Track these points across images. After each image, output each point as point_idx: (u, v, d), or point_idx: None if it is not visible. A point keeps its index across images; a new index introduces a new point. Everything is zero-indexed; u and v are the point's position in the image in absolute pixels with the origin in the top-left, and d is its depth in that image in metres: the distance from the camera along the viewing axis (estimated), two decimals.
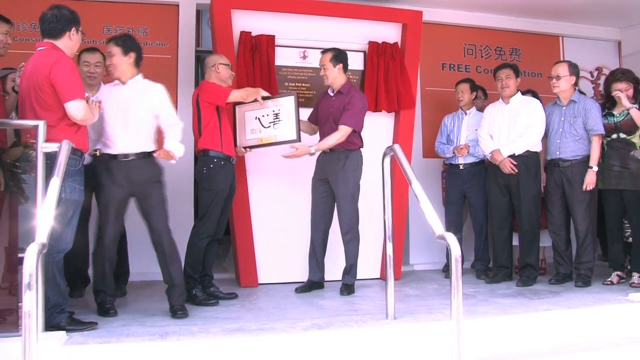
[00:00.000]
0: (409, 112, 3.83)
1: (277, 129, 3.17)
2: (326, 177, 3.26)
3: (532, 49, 4.84)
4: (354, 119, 3.18)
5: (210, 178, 2.95)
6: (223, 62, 3.11)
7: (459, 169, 3.91)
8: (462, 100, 3.97)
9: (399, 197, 3.54)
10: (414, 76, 3.89)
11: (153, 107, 2.66)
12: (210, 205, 2.95)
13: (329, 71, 3.25)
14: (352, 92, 3.24)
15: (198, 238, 2.96)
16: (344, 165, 3.18)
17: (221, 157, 2.99)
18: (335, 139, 3.17)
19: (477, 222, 3.89)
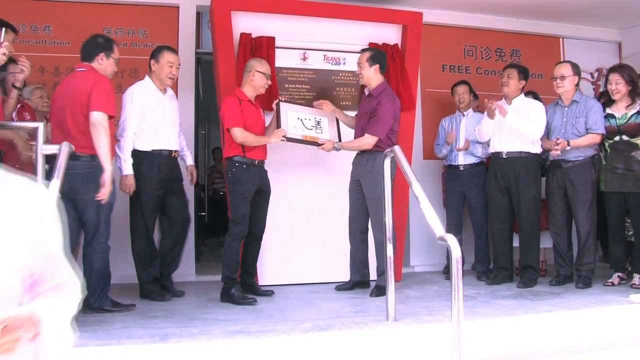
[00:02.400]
0: (409, 113, 3.83)
1: (318, 134, 3.33)
2: (358, 179, 3.32)
3: (532, 50, 4.85)
4: (379, 127, 3.19)
5: (234, 181, 3.09)
6: (261, 70, 3.16)
7: (458, 170, 3.92)
8: (463, 102, 3.98)
9: (399, 198, 3.54)
10: (414, 77, 3.90)
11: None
12: (237, 206, 3.07)
13: (365, 70, 3.27)
14: (381, 97, 3.24)
15: (230, 239, 3.08)
16: (372, 166, 3.20)
17: (243, 161, 3.11)
18: (358, 144, 3.26)
19: (477, 223, 3.90)
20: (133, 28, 3.99)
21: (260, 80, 3.17)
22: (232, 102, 3.12)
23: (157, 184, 3.07)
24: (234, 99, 3.13)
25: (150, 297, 3.06)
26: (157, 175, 3.07)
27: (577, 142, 3.33)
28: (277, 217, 3.56)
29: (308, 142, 3.31)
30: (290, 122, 3.28)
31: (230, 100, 3.13)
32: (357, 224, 3.36)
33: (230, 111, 3.09)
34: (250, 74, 3.16)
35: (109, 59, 2.84)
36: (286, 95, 3.67)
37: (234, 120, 3.08)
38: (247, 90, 3.19)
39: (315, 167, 3.66)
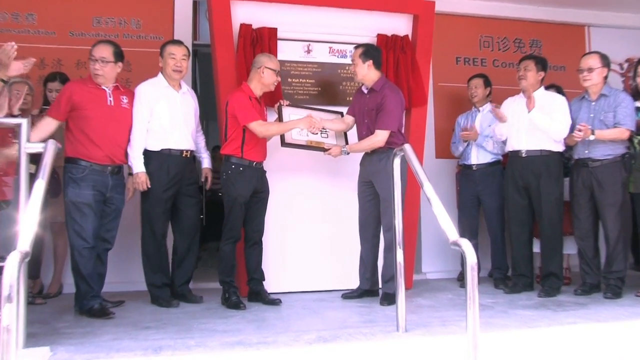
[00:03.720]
0: (420, 109, 3.80)
1: (324, 138, 3.32)
2: (369, 179, 3.30)
3: (554, 40, 4.78)
4: (390, 120, 3.19)
5: (228, 184, 3.13)
6: (271, 67, 3.17)
7: (472, 169, 3.88)
8: (475, 96, 3.96)
9: (410, 200, 3.51)
10: (426, 71, 3.87)
11: None
12: (230, 210, 3.12)
13: (359, 67, 3.27)
14: (385, 90, 3.24)
15: (223, 243, 3.15)
16: (386, 165, 3.17)
17: (240, 163, 3.12)
18: (369, 143, 3.23)
19: (491, 227, 3.86)
20: (125, 18, 3.99)
21: (269, 77, 3.16)
22: (242, 96, 3.12)
23: (166, 185, 3.10)
24: (243, 93, 3.13)
25: (158, 302, 3.13)
26: (166, 176, 3.11)
27: (603, 134, 3.24)
28: (280, 221, 3.54)
29: (313, 147, 3.30)
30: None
31: (240, 95, 3.12)
32: (368, 228, 3.35)
33: (244, 107, 3.09)
34: (259, 70, 3.15)
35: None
36: (289, 89, 3.65)
37: (249, 114, 3.08)
38: (254, 87, 3.19)
39: (320, 168, 3.63)
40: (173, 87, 3.19)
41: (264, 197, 3.26)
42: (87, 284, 2.86)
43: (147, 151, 3.12)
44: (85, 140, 2.89)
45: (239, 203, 3.11)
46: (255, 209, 3.22)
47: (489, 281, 3.87)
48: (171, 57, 3.14)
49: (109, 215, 2.98)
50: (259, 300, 3.22)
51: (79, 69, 3.71)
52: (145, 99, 3.10)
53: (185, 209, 3.23)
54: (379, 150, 3.23)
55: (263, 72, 3.14)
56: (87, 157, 2.89)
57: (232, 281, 3.17)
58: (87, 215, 2.86)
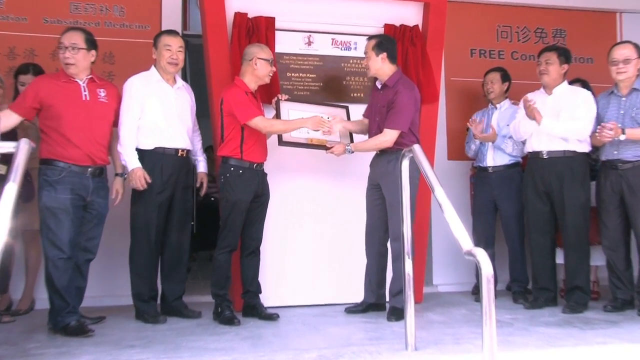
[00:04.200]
0: (431, 106, 3.81)
1: (325, 135, 3.31)
2: (377, 182, 3.32)
3: (580, 29, 4.76)
4: (400, 119, 3.20)
5: (227, 188, 3.14)
6: (263, 57, 3.17)
7: (487, 172, 3.88)
8: (491, 91, 3.96)
9: (419, 205, 3.51)
10: (438, 65, 3.88)
11: None
12: (228, 216, 3.13)
13: (371, 61, 3.28)
14: (398, 86, 3.25)
15: (218, 252, 3.16)
16: (394, 167, 3.18)
17: (239, 165, 3.13)
18: (376, 143, 3.24)
19: (509, 235, 3.87)
20: (106, 4, 3.99)
21: (263, 68, 3.18)
22: (238, 92, 3.13)
23: (160, 187, 3.12)
24: (239, 88, 3.15)
25: (143, 318, 3.13)
26: (159, 177, 3.12)
27: (635, 133, 3.21)
28: (279, 228, 3.55)
29: (314, 146, 3.31)
30: None
31: (236, 91, 3.13)
32: (375, 235, 3.36)
33: (241, 103, 3.10)
34: (252, 62, 3.16)
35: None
36: (288, 84, 3.66)
37: (249, 111, 3.09)
38: (248, 80, 3.20)
39: (323, 169, 3.64)
40: (167, 82, 3.21)
41: (264, 201, 3.28)
42: (62, 298, 2.82)
43: (138, 150, 3.13)
44: (61, 140, 2.85)
45: (239, 209, 3.12)
46: (255, 214, 3.24)
47: (507, 295, 3.87)
48: (166, 49, 3.16)
49: (91, 222, 2.95)
50: (254, 315, 3.22)
51: (54, 61, 3.65)
52: (135, 92, 3.11)
53: (178, 212, 3.25)
54: (388, 151, 3.24)
55: (256, 64, 3.15)
56: (65, 157, 2.85)
57: (226, 294, 3.18)
58: (63, 222, 2.81)
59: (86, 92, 2.95)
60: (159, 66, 3.20)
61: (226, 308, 3.12)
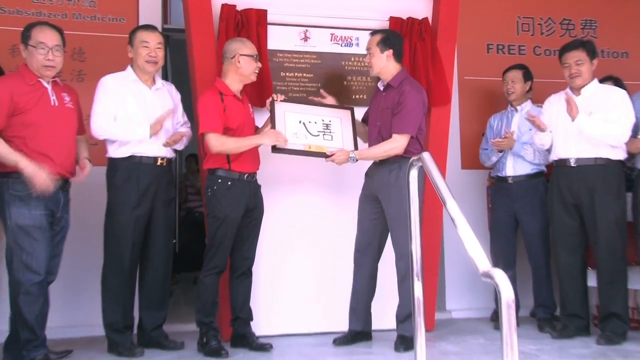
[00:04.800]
0: (442, 109, 3.85)
1: (327, 141, 3.32)
2: (376, 194, 3.33)
3: (613, 19, 4.75)
4: (409, 122, 3.23)
5: (214, 202, 3.16)
6: (246, 53, 3.19)
7: (507, 182, 3.90)
8: (512, 92, 3.97)
9: (430, 221, 3.53)
10: (450, 62, 3.91)
11: None
12: (215, 233, 3.14)
13: (375, 58, 3.31)
14: (404, 86, 3.28)
15: (204, 274, 3.17)
16: (397, 177, 3.22)
17: (228, 176, 3.15)
18: (384, 149, 3.26)
19: (533, 254, 3.87)
20: None
21: (248, 65, 3.20)
22: (210, 98, 3.14)
23: (135, 200, 3.13)
24: (214, 94, 3.16)
25: (117, 351, 3.11)
26: (135, 189, 3.13)
27: None
28: (274, 247, 3.57)
29: (313, 153, 3.31)
30: (289, 128, 3.27)
31: (209, 97, 3.15)
32: (368, 255, 3.37)
33: (207, 111, 3.11)
34: (234, 60, 3.18)
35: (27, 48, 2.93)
36: (282, 85, 3.69)
37: (210, 122, 3.10)
38: (230, 81, 3.22)
39: (324, 180, 3.67)
40: (144, 82, 3.23)
41: (257, 216, 3.29)
42: (32, 330, 2.78)
43: (111, 159, 3.15)
44: (32, 150, 2.82)
45: (228, 225, 3.14)
46: (246, 231, 3.25)
47: (532, 322, 3.88)
48: (143, 46, 3.19)
49: (54, 239, 2.94)
50: (244, 346, 3.22)
51: (14, 57, 3.63)
52: (111, 91, 3.14)
53: (157, 230, 3.26)
54: (390, 159, 3.26)
55: (239, 62, 3.17)
56: None
57: (212, 322, 3.17)
58: (39, 241, 2.80)
59: (54, 97, 2.95)
60: (136, 65, 3.23)
61: (212, 338, 3.12)
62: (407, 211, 3.22)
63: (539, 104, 3.85)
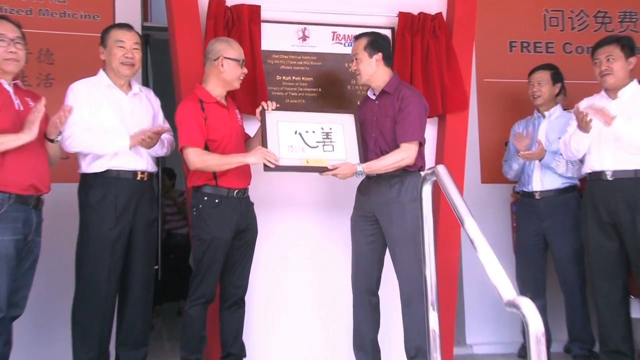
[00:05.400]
0: (458, 116, 3.87)
1: (327, 153, 3.27)
2: (372, 213, 3.33)
3: None
4: (417, 128, 3.26)
5: (200, 223, 3.15)
6: (231, 57, 3.20)
7: (533, 198, 3.90)
8: (538, 96, 3.99)
9: (446, 242, 3.54)
10: (467, 63, 3.95)
11: None
12: (202, 258, 3.13)
13: (363, 64, 3.34)
14: (403, 91, 3.32)
15: (190, 304, 3.16)
16: (398, 193, 3.24)
17: (215, 194, 3.15)
18: (394, 160, 3.24)
19: (566, 280, 3.87)
20: None
21: (232, 71, 3.20)
22: (189, 108, 3.14)
23: (113, 221, 3.12)
24: (192, 102, 3.16)
25: None
26: (111, 208, 3.13)
27: None
28: (267, 274, 3.58)
29: (312, 168, 3.27)
30: (283, 140, 3.24)
31: (187, 107, 3.15)
32: (364, 285, 3.37)
33: (186, 123, 3.11)
34: (217, 63, 3.18)
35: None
36: (277, 90, 3.72)
37: (188, 136, 3.09)
38: (212, 86, 3.22)
39: (322, 197, 3.70)
40: (120, 88, 3.25)
41: (249, 238, 3.29)
42: None
43: (84, 175, 3.16)
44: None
45: (217, 248, 3.14)
46: (238, 255, 3.25)
47: (566, 359, 3.86)
48: (118, 46, 3.20)
49: (22, 267, 2.90)
50: None
51: None
52: (82, 98, 3.14)
53: (138, 255, 3.25)
54: (389, 173, 3.27)
55: (222, 65, 3.17)
56: (3, 185, 2.79)
57: (200, 359, 3.17)
58: (3, 271, 2.75)
59: (18, 101, 2.94)
60: (110, 68, 3.24)
61: None
62: (411, 231, 3.26)
63: (570, 109, 3.83)
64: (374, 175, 3.29)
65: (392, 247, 3.29)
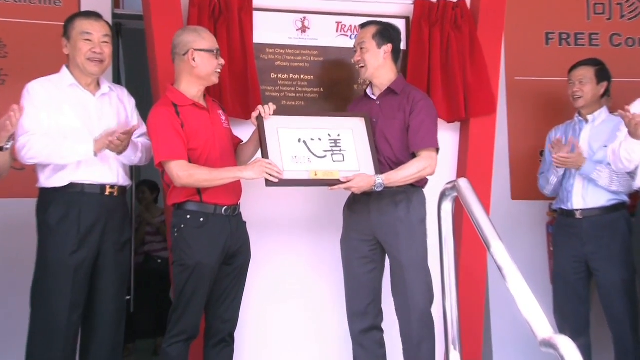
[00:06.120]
0: (484, 121, 3.89)
1: (337, 163, 3.27)
2: (373, 235, 3.34)
3: None
4: (434, 134, 3.31)
5: (182, 245, 3.13)
6: (203, 48, 3.18)
7: (575, 218, 3.90)
8: (580, 96, 3.97)
9: (469, 270, 3.54)
10: (495, 58, 3.97)
11: None
12: (184, 288, 3.11)
13: (370, 54, 3.36)
14: (412, 92, 3.36)
15: (168, 342, 3.13)
16: (407, 212, 3.26)
17: (199, 211, 3.13)
18: (417, 169, 3.26)
19: (614, 315, 3.85)
20: None
21: (205, 64, 3.18)
22: (162, 115, 3.12)
23: (76, 244, 3.10)
24: (165, 107, 3.15)
25: None
26: (74, 229, 3.11)
27: None
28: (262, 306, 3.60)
29: (322, 181, 3.26)
30: (285, 150, 3.24)
31: (159, 113, 3.14)
32: (369, 318, 3.38)
33: (162, 132, 3.10)
34: (186, 57, 3.16)
35: None
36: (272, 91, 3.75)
37: (168, 147, 3.08)
38: (186, 86, 3.20)
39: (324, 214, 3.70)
40: (86, 87, 3.25)
41: (240, 264, 3.27)
42: None
43: (43, 190, 3.14)
44: None
45: (201, 276, 3.11)
46: (226, 284, 3.24)
47: None
48: (84, 39, 3.19)
49: None
50: None
51: None
52: (40, 101, 3.13)
53: (105, 285, 3.23)
54: (393, 188, 3.25)
55: (193, 59, 3.15)
56: None
57: None
58: None
59: None
60: (74, 65, 3.23)
61: None
62: (422, 256, 3.27)
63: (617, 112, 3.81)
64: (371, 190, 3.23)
65: (400, 276, 3.28)
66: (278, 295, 3.66)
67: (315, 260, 3.74)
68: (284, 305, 3.69)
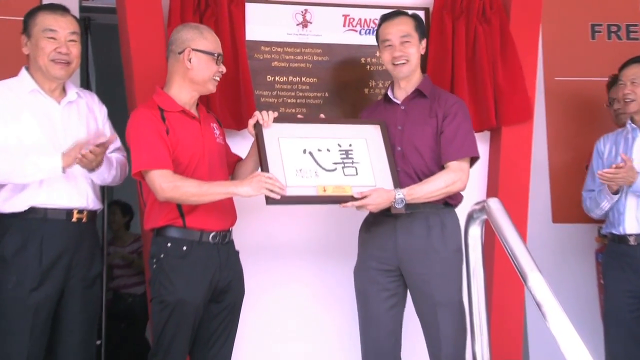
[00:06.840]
0: (519, 130, 3.91)
1: (349, 177, 3.26)
2: (397, 265, 3.32)
3: None
4: (472, 142, 3.34)
5: (161, 279, 3.12)
6: (202, 49, 3.19)
7: (628, 244, 3.89)
8: (632, 100, 3.97)
9: (502, 307, 3.54)
10: (531, 56, 3.99)
11: None
12: (163, 329, 3.11)
13: (415, 50, 3.37)
14: (443, 94, 3.40)
15: None
16: (442, 238, 3.26)
17: (182, 238, 3.13)
18: (445, 183, 3.24)
19: None
20: None
21: (203, 68, 3.19)
22: (144, 117, 3.14)
23: (37, 279, 3.10)
24: (149, 110, 3.16)
25: None
26: (35, 262, 3.11)
27: None
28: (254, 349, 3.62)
29: (332, 198, 3.25)
30: (289, 163, 3.24)
31: (142, 116, 3.15)
32: None
33: (144, 137, 3.11)
34: (181, 57, 3.19)
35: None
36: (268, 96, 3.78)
37: (149, 155, 3.08)
38: (177, 90, 3.22)
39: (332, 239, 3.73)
40: (49, 94, 3.26)
41: (232, 301, 3.26)
42: None
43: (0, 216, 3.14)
44: None
45: (184, 316, 3.11)
46: (215, 325, 3.23)
47: None
48: (48, 37, 3.21)
49: None
50: None
51: None
52: None
53: (72, 328, 3.23)
54: (420, 206, 3.25)
55: (189, 60, 3.17)
56: None
57: None
58: None
59: None
60: (36, 67, 3.25)
61: None
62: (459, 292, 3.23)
63: None
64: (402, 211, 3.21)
65: (429, 314, 3.28)
66: (277, 337, 3.68)
67: (322, 294, 3.76)
68: (285, 350, 3.70)
